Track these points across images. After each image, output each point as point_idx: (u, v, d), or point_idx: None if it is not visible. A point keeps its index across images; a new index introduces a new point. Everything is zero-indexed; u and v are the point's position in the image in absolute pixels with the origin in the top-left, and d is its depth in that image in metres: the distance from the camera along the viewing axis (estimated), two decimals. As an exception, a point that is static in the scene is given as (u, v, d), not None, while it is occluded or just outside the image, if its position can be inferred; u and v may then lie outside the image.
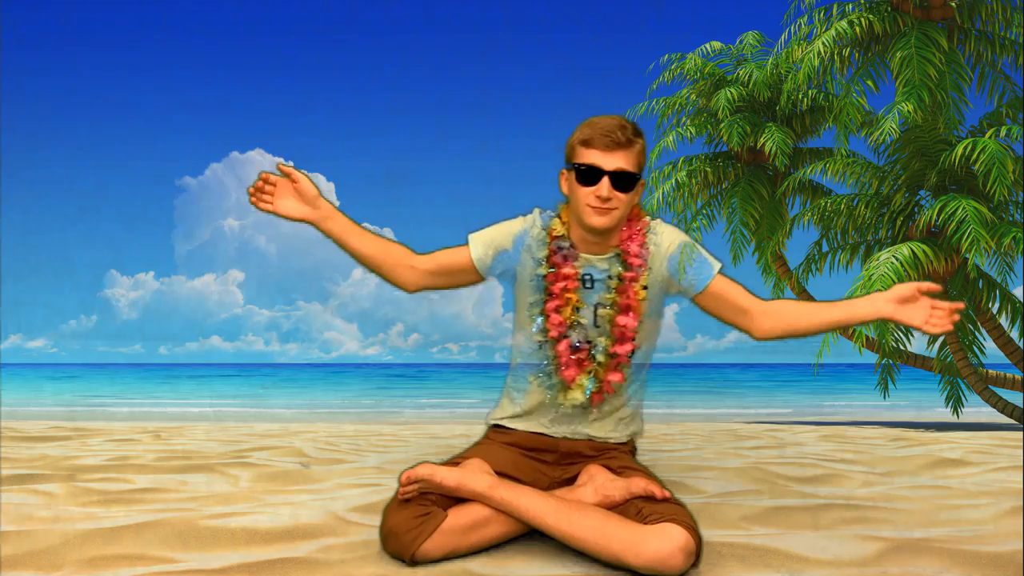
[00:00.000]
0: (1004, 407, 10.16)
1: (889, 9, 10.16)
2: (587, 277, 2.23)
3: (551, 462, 2.29)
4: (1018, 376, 10.33)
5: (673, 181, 11.84)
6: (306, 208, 2.26)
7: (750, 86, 11.47)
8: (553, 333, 2.23)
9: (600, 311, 2.23)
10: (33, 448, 4.14)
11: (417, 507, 1.96)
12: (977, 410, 11.16)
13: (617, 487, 2.06)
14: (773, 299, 2.33)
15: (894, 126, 9.36)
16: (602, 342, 2.23)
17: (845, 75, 10.61)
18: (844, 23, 10.11)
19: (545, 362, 2.27)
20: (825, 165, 10.66)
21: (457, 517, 1.97)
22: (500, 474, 2.13)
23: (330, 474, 3.27)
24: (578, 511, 1.96)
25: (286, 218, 2.26)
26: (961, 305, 2.18)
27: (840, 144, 10.29)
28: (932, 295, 2.20)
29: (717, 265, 2.29)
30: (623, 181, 2.15)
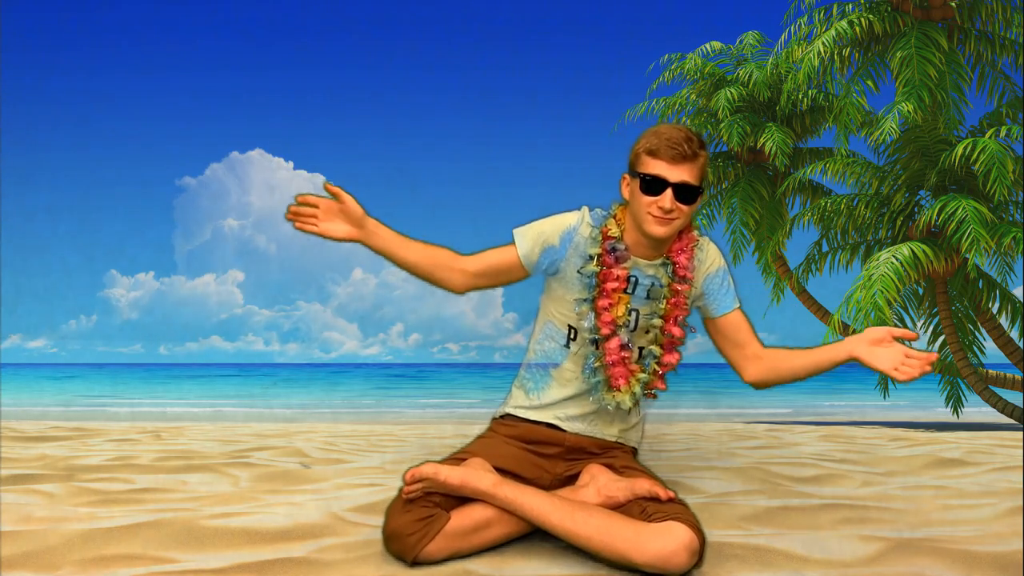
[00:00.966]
0: (1004, 407, 10.16)
1: (889, 9, 10.16)
2: (632, 279, 2.27)
3: (553, 456, 2.30)
4: (1018, 376, 10.33)
5: (673, 181, 11.84)
6: (354, 229, 2.25)
7: (750, 86, 11.47)
8: (605, 331, 2.25)
9: (652, 320, 2.28)
10: (33, 448, 4.13)
11: (421, 509, 1.96)
12: (977, 410, 11.16)
13: (620, 488, 2.06)
14: (771, 347, 2.39)
15: (894, 126, 9.36)
16: (655, 350, 2.29)
17: (845, 75, 10.62)
18: (844, 23, 10.11)
19: (591, 359, 2.28)
20: (825, 165, 10.66)
21: (460, 519, 1.97)
22: (501, 471, 2.13)
23: (330, 474, 3.27)
24: (582, 510, 1.97)
25: (333, 239, 2.25)
26: (935, 356, 2.17)
27: (840, 144, 10.30)
28: (907, 342, 2.21)
29: (738, 301, 2.37)
30: (687, 193, 2.18)
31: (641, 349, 2.29)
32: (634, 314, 2.27)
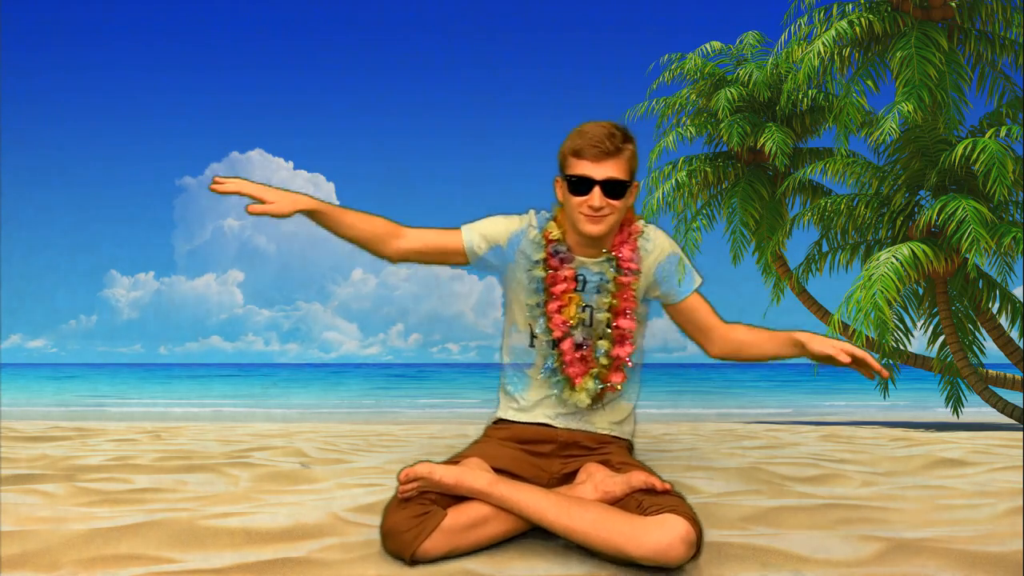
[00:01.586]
0: (1004, 407, 10.16)
1: (889, 9, 10.16)
2: (580, 278, 2.30)
3: (549, 454, 2.32)
4: (1018, 376, 10.33)
5: (673, 181, 11.85)
6: (290, 202, 2.24)
7: (750, 86, 11.47)
8: (557, 333, 2.28)
9: (596, 314, 2.30)
10: (33, 448, 4.13)
11: (416, 506, 1.96)
12: (977, 410, 11.16)
13: (617, 482, 2.07)
14: (732, 323, 2.42)
15: (894, 126, 9.36)
16: (603, 345, 2.29)
17: (845, 75, 10.62)
18: (844, 23, 10.11)
19: (550, 361, 2.32)
20: (825, 165, 10.66)
21: (457, 516, 1.97)
22: (499, 471, 2.14)
23: (330, 474, 3.27)
24: (578, 505, 1.97)
25: (282, 215, 2.24)
26: (886, 374, 2.20)
27: (840, 144, 10.29)
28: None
29: (698, 281, 2.37)
30: (614, 189, 2.19)
31: (598, 345, 2.32)
32: (588, 311, 2.30)
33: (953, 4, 10.01)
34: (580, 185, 2.18)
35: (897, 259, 9.01)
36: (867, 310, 8.86)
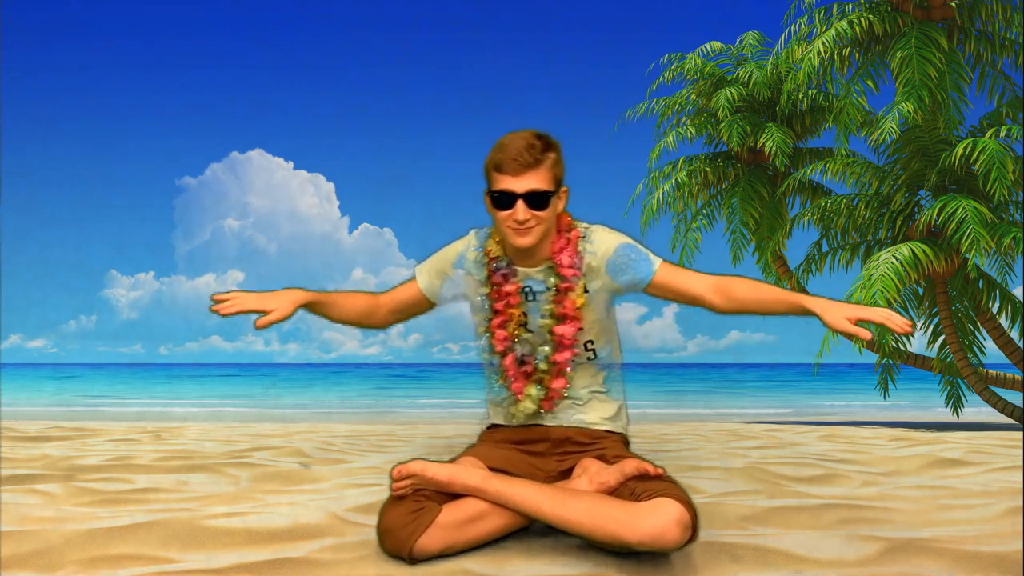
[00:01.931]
0: (1004, 407, 10.16)
1: (889, 9, 10.17)
2: (527, 290, 2.31)
3: (544, 452, 2.34)
4: (1018, 376, 10.34)
5: (673, 181, 11.85)
6: (289, 302, 2.34)
7: (750, 86, 11.47)
8: (499, 348, 2.33)
9: (540, 321, 2.32)
10: (33, 448, 4.13)
11: (411, 503, 1.97)
12: (977, 410, 11.17)
13: (611, 472, 2.08)
14: (729, 277, 2.33)
15: (894, 126, 9.37)
16: (543, 351, 2.32)
17: (845, 75, 10.62)
18: (844, 23, 10.12)
19: (496, 377, 2.38)
20: (825, 165, 10.67)
21: (452, 511, 1.98)
22: (494, 470, 2.14)
23: (330, 474, 3.27)
24: (572, 496, 1.98)
25: (285, 317, 2.35)
26: (908, 327, 2.13)
27: (840, 144, 10.30)
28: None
29: (657, 261, 2.32)
30: (537, 200, 2.19)
31: (538, 354, 2.35)
32: (532, 323, 2.33)
33: (953, 4, 10.01)
34: (503, 200, 2.20)
35: (897, 259, 9.01)
36: (867, 310, 8.86)
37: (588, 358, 2.36)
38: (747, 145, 11.39)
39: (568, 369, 2.32)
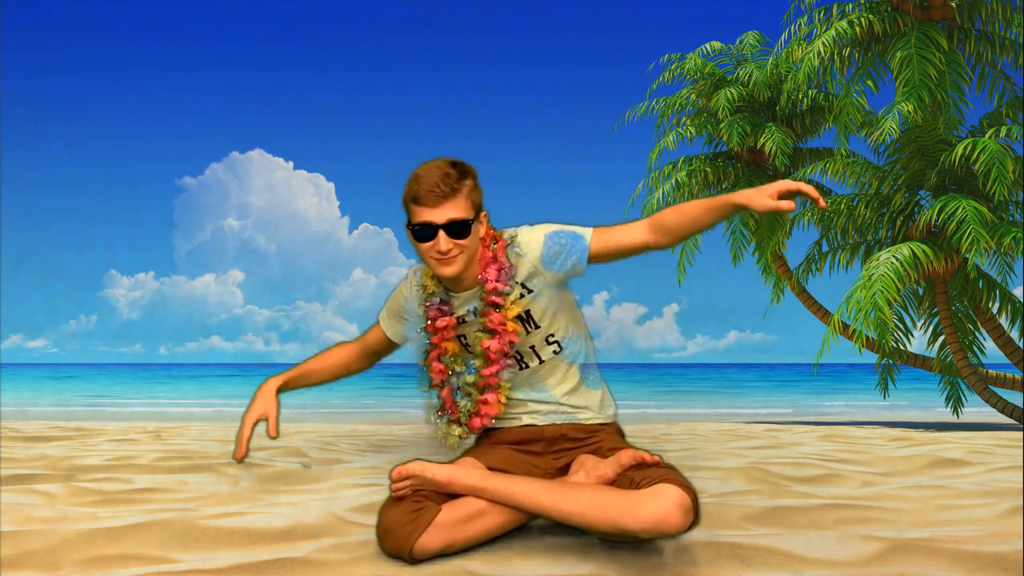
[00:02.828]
0: (1004, 407, 10.16)
1: (889, 9, 10.17)
2: (470, 312, 2.36)
3: (540, 452, 2.35)
4: (1018, 376, 10.34)
5: (673, 181, 11.85)
6: (272, 399, 2.72)
7: (750, 86, 11.47)
8: (435, 382, 2.43)
9: (475, 334, 2.36)
10: (33, 448, 4.13)
11: (410, 503, 1.97)
12: (977, 410, 11.17)
13: (608, 464, 2.09)
14: (657, 214, 2.32)
15: (894, 126, 9.37)
16: (476, 363, 2.36)
17: (845, 75, 10.63)
18: (844, 23, 10.12)
19: (435, 411, 2.47)
20: (825, 165, 10.67)
21: (452, 510, 1.98)
22: (493, 470, 2.15)
23: (330, 474, 3.26)
24: (572, 488, 1.99)
25: (278, 408, 2.76)
26: (822, 204, 2.15)
27: (840, 144, 10.30)
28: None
29: (587, 232, 2.30)
30: (458, 230, 2.21)
31: (463, 377, 2.42)
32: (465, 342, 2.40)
33: (953, 4, 10.01)
34: (424, 232, 2.22)
35: (897, 259, 9.01)
36: (867, 310, 8.86)
37: (555, 351, 2.37)
38: (747, 145, 11.39)
39: (498, 382, 2.34)
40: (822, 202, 2.13)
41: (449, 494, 2.02)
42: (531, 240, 2.31)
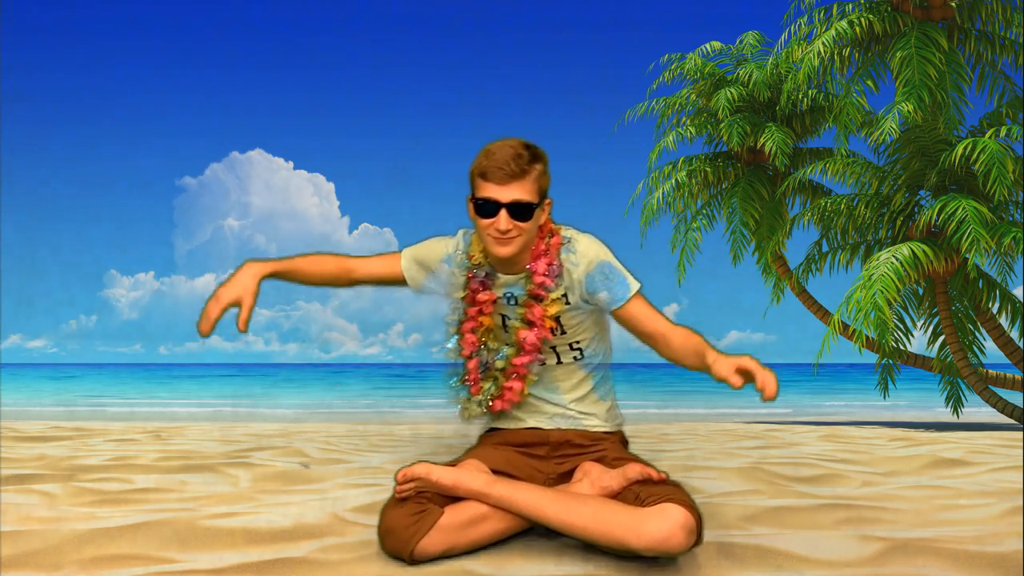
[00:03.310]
0: (1004, 407, 10.16)
1: (889, 9, 10.17)
2: (508, 297, 2.33)
3: (544, 456, 2.34)
4: (1018, 376, 10.34)
5: (673, 181, 11.85)
6: (252, 285, 2.33)
7: (750, 86, 11.47)
8: (465, 352, 2.37)
9: (510, 323, 2.34)
10: (33, 448, 4.14)
11: (413, 505, 1.97)
12: (977, 410, 11.16)
13: (613, 476, 2.08)
14: (679, 327, 2.27)
15: (894, 126, 9.37)
16: (507, 351, 2.34)
17: (845, 75, 10.62)
18: (844, 23, 10.12)
19: (455, 378, 2.41)
20: (825, 165, 10.67)
21: (454, 514, 1.98)
22: (496, 472, 2.15)
23: (330, 474, 3.27)
24: (576, 500, 1.98)
25: (255, 297, 2.34)
26: (770, 395, 2.00)
27: (840, 144, 10.30)
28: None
29: (634, 287, 2.28)
30: (521, 211, 2.19)
31: (499, 354, 2.37)
32: (505, 327, 2.34)
33: (953, 4, 10.01)
34: (486, 208, 2.19)
35: (897, 259, 9.01)
36: (867, 310, 8.86)
37: (575, 358, 2.37)
38: (747, 145, 11.39)
39: (527, 373, 2.33)
40: (767, 393, 2.00)
41: (453, 496, 2.02)
42: (588, 254, 2.29)
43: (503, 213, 2.17)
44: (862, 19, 10.10)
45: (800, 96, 11.26)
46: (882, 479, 3.20)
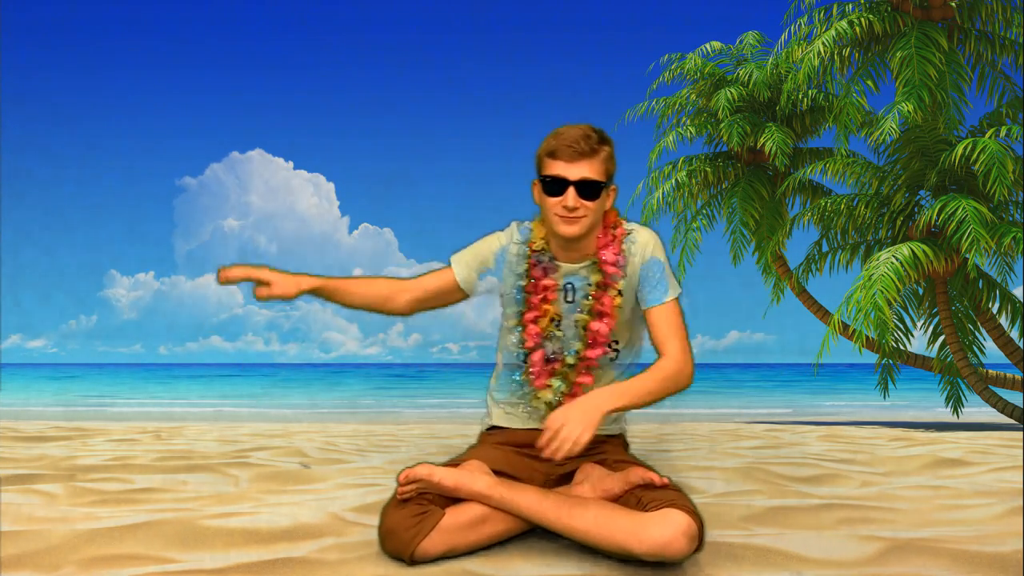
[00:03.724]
0: (1004, 407, 10.16)
1: (889, 9, 10.16)
2: (568, 286, 2.28)
3: (544, 457, 2.31)
4: (1018, 376, 10.33)
5: (673, 181, 11.84)
6: (294, 284, 2.28)
7: (750, 86, 11.46)
8: (529, 343, 2.29)
9: (577, 315, 2.29)
10: (33, 448, 4.14)
11: (415, 506, 1.97)
12: (977, 410, 11.16)
13: (615, 480, 2.07)
14: (671, 356, 2.23)
15: (894, 126, 9.36)
16: (575, 345, 2.28)
17: (845, 75, 10.61)
18: (844, 23, 10.11)
19: (519, 372, 2.34)
20: (825, 165, 10.66)
21: (455, 515, 1.98)
22: (497, 473, 2.14)
23: (330, 474, 3.27)
24: (578, 504, 1.98)
25: (288, 296, 2.28)
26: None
27: (840, 144, 10.29)
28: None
29: (672, 294, 2.27)
30: (589, 190, 2.18)
31: (568, 348, 2.30)
32: (569, 318, 2.28)
33: (953, 4, 10.01)
34: (554, 185, 2.18)
35: (897, 259, 9.01)
36: (867, 310, 8.86)
37: (611, 358, 2.34)
38: (747, 145, 11.38)
39: (596, 366, 2.29)
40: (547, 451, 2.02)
41: (454, 498, 2.02)
42: (647, 245, 2.28)
43: (571, 190, 2.16)
44: (862, 19, 10.10)
45: (800, 96, 11.25)
46: (882, 479, 3.20)
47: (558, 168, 2.17)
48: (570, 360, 2.28)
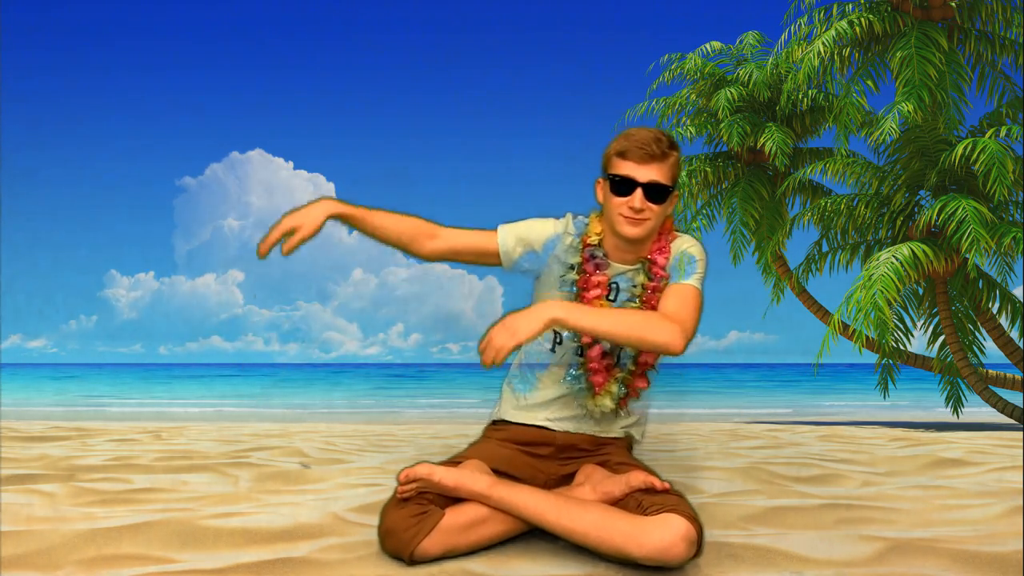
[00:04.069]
0: (1004, 407, 10.16)
1: (889, 9, 10.16)
2: (613, 286, 2.28)
3: (547, 456, 2.31)
4: (1018, 376, 10.33)
5: (673, 181, 11.84)
6: (319, 218, 2.19)
7: (750, 86, 11.46)
8: (586, 339, 2.26)
9: None
10: (33, 448, 4.14)
11: (415, 506, 1.97)
12: (977, 410, 11.16)
13: (616, 483, 2.07)
14: (664, 311, 2.18)
15: (894, 126, 9.36)
16: (631, 350, 2.27)
17: (845, 75, 10.61)
18: (844, 23, 10.11)
19: (574, 367, 2.29)
20: (825, 165, 10.66)
21: (455, 515, 1.98)
22: (497, 472, 2.14)
23: (330, 474, 3.27)
24: (578, 506, 1.98)
25: (316, 230, 2.18)
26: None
27: (840, 144, 10.29)
28: None
29: (695, 276, 2.25)
30: (656, 193, 2.19)
31: (623, 351, 2.29)
32: None
33: (953, 4, 10.01)
34: (623, 185, 2.18)
35: (897, 259, 9.00)
36: (867, 310, 8.86)
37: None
38: (747, 145, 11.38)
39: (654, 369, 2.30)
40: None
41: (454, 497, 2.02)
42: (680, 245, 2.29)
43: (639, 192, 2.17)
44: (862, 19, 10.10)
45: (800, 96, 11.25)
46: (882, 479, 3.20)
47: (627, 168, 2.18)
48: (630, 365, 2.29)
